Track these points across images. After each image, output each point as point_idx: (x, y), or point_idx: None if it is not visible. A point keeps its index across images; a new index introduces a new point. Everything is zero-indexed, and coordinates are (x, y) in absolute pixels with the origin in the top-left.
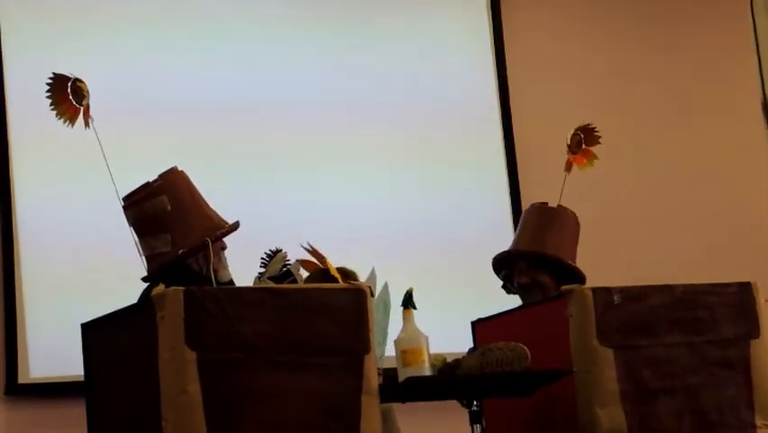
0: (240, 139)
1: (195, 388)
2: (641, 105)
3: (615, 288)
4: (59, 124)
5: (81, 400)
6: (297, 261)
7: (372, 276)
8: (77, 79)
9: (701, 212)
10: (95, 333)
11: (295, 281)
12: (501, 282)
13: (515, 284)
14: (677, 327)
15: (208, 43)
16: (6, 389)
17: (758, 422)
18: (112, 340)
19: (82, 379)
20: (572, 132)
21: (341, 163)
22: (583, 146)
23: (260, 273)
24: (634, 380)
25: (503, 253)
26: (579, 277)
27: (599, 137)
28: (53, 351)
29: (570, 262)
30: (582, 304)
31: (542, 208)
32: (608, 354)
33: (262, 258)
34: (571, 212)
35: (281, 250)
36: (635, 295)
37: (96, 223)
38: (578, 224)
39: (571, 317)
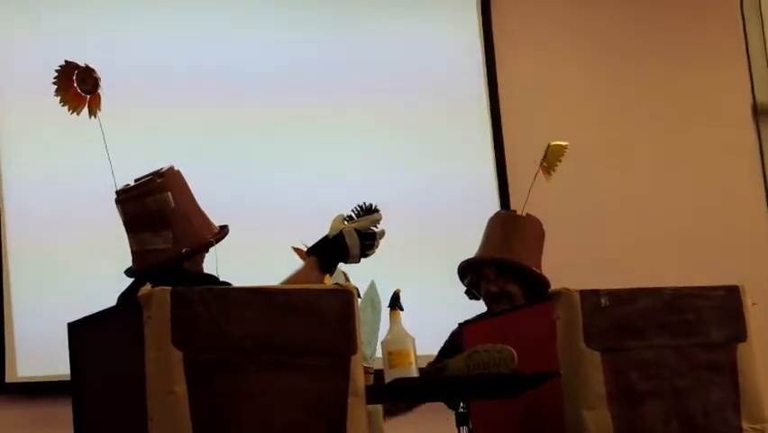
0: (219, 112)
1: (181, 388)
2: (630, 108)
3: (602, 290)
4: (49, 123)
5: (68, 400)
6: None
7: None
8: (87, 68)
9: (690, 215)
10: (81, 332)
11: (372, 246)
12: (465, 288)
13: (481, 292)
14: (664, 330)
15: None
16: None
17: (745, 425)
18: (98, 339)
19: (69, 378)
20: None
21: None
22: (543, 163)
23: (348, 216)
24: (621, 382)
25: (470, 259)
26: (545, 286)
27: (560, 160)
28: (41, 350)
29: (537, 270)
30: (570, 306)
31: (507, 216)
32: (595, 357)
33: (359, 205)
34: (537, 220)
35: (379, 210)
36: (622, 298)
37: (84, 222)
38: (543, 231)
39: (559, 319)
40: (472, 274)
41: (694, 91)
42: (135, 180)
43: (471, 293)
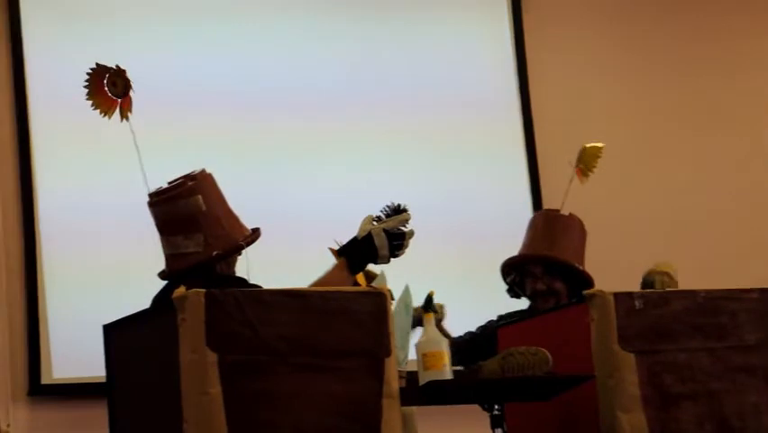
0: (251, 128)
1: (216, 390)
2: (661, 112)
3: (636, 293)
4: (83, 120)
5: (103, 401)
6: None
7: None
8: (117, 71)
9: (723, 218)
10: (116, 334)
11: (401, 246)
12: (507, 287)
13: (527, 290)
14: (699, 333)
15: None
16: (29, 389)
17: None
18: (134, 341)
19: (104, 380)
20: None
21: (357, 160)
22: (579, 165)
23: (377, 217)
24: (656, 385)
25: (515, 257)
26: (590, 284)
27: (597, 161)
28: (76, 352)
29: (583, 268)
30: (604, 309)
31: (551, 215)
32: (629, 359)
33: (387, 205)
34: (579, 219)
35: (407, 210)
36: (656, 300)
37: (120, 224)
38: (585, 231)
39: (593, 321)
40: (516, 273)
41: (723, 95)
42: (168, 183)
43: (513, 291)
